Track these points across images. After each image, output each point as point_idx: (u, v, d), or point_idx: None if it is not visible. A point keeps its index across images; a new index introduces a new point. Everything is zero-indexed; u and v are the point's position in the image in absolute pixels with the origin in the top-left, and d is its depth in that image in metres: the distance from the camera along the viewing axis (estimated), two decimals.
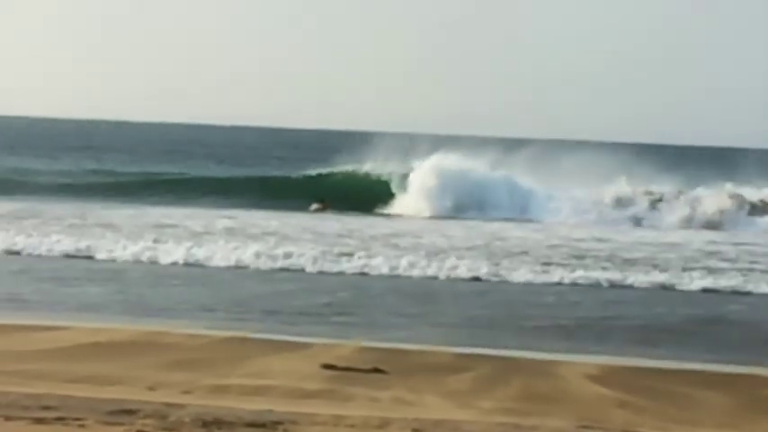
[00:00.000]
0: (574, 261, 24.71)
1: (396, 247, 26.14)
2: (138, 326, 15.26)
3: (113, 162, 64.48)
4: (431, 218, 36.81)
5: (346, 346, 14.14)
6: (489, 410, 10.99)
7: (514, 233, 31.13)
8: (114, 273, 21.55)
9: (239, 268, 22.65)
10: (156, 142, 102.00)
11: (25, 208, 32.91)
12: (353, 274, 22.40)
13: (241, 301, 18.54)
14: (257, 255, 23.38)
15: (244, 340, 14.37)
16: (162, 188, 43.64)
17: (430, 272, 22.50)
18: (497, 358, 14.02)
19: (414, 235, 29.48)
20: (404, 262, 23.15)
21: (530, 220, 36.53)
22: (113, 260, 23.02)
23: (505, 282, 21.97)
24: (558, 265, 23.84)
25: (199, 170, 57.22)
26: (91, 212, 32.62)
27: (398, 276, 22.22)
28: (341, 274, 22.36)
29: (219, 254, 23.35)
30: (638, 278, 22.46)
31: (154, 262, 22.94)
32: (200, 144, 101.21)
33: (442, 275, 22.32)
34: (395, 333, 15.99)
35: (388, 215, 37.69)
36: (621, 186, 40.36)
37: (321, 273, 22.38)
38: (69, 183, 46.12)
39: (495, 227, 33.19)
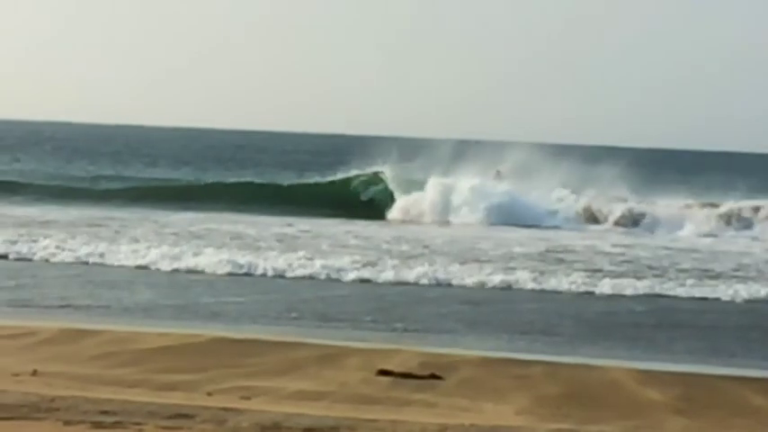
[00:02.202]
0: (624, 268, 24.64)
1: (447, 254, 26.14)
2: (193, 331, 15.33)
3: (172, 168, 64.98)
4: (471, 225, 36.48)
5: (403, 352, 14.14)
6: (546, 416, 10.98)
7: (563, 242, 30.94)
8: (168, 278, 21.70)
9: (292, 276, 22.64)
10: (218, 149, 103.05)
11: (84, 215, 33.16)
12: (409, 280, 22.31)
13: (295, 307, 18.59)
14: (308, 261, 23.43)
15: (301, 346, 14.39)
16: (219, 194, 43.61)
17: (482, 278, 22.44)
18: (553, 364, 14.00)
19: (465, 242, 29.48)
20: (455, 269, 23.16)
21: (573, 229, 36.26)
22: (167, 266, 23.06)
23: (558, 289, 21.87)
24: (609, 272, 23.77)
25: (258, 176, 57.33)
26: (147, 218, 32.91)
27: (452, 284, 22.15)
28: (396, 280, 22.28)
29: (272, 260, 23.39)
30: (692, 285, 22.34)
31: (206, 268, 22.94)
32: (262, 151, 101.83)
33: (495, 282, 22.24)
34: (451, 339, 16.02)
35: (431, 223, 37.58)
36: (674, 195, 40.18)
37: (375, 279, 22.34)
38: (128, 187, 46.31)
39: (545, 234, 33.11)
